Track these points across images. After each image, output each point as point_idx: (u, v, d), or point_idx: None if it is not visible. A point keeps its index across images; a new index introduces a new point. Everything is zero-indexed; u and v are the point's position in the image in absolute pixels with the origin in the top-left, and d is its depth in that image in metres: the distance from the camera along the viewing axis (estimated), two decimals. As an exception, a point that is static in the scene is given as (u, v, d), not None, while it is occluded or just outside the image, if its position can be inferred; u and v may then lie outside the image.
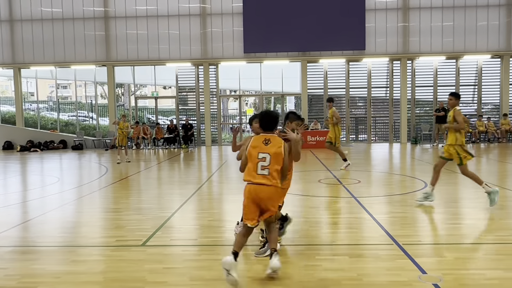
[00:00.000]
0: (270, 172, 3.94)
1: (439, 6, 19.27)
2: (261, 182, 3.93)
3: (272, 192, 3.96)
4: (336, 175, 10.22)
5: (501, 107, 19.66)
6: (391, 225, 5.75)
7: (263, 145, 3.99)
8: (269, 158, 3.95)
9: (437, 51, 19.43)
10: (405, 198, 7.60)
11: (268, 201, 3.96)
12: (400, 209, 6.78)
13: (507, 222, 5.93)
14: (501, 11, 19.16)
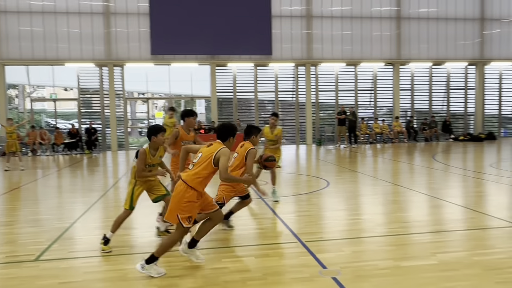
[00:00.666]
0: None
1: (339, 16, 20.54)
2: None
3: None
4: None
5: (393, 111, 21.51)
6: (296, 224, 5.97)
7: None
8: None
9: (338, 58, 20.69)
10: (310, 197, 7.95)
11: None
12: (305, 208, 7.08)
13: (398, 215, 6.47)
14: (392, 23, 20.99)
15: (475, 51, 21.86)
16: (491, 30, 21.92)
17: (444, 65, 21.90)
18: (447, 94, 22.27)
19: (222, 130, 4.39)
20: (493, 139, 21.09)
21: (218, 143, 4.30)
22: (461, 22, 21.55)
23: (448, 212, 6.67)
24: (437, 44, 21.45)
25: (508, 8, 21.95)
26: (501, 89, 22.73)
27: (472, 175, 10.29)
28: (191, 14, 18.97)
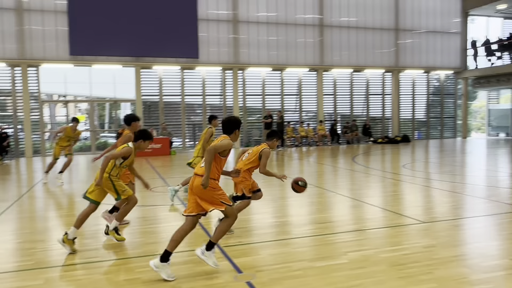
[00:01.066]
0: None
1: (265, 21, 20.93)
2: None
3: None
4: (169, 183, 10.13)
5: (318, 115, 22.30)
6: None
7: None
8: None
9: (264, 63, 21.05)
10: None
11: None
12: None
13: (316, 217, 6.68)
14: (315, 30, 21.78)
15: (391, 59, 23.35)
16: (404, 40, 23.55)
17: (363, 72, 23.13)
18: (367, 99, 23.54)
19: (227, 123, 4.53)
20: (407, 142, 22.63)
21: (224, 137, 4.43)
22: (378, 31, 22.92)
23: (363, 212, 7.01)
24: (357, 52, 22.62)
25: (419, 21, 23.72)
26: (414, 95, 24.48)
27: (388, 176, 10.93)
28: (114, 13, 18.28)
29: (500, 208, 7.01)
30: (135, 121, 6.45)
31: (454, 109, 25.66)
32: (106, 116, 24.45)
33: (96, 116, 21.97)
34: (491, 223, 6.20)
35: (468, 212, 6.98)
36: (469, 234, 5.64)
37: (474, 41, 24.47)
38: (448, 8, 24.36)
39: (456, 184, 9.35)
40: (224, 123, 4.51)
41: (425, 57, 24.03)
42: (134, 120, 6.45)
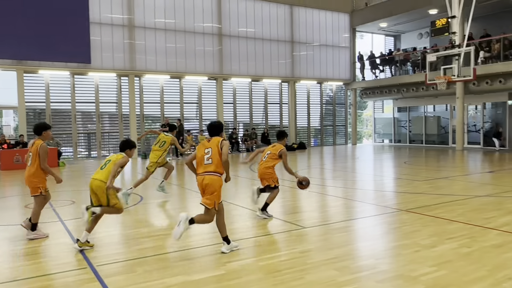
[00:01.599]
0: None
1: (163, 28, 20.51)
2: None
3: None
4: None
5: (218, 123, 22.35)
6: (96, 247, 5.51)
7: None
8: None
9: (162, 70, 20.60)
10: (115, 216, 7.51)
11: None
12: (106, 228, 6.63)
13: (199, 227, 6.56)
14: (214, 39, 21.90)
15: (287, 70, 24.36)
16: (299, 52, 24.74)
17: (262, 81, 23.79)
18: (265, 108, 24.22)
19: (213, 128, 5.26)
20: (304, 148, 23.71)
21: (216, 138, 5.14)
22: (275, 43, 23.78)
23: (248, 220, 7.06)
24: (255, 62, 23.20)
25: (312, 35, 25.10)
26: (309, 104, 25.78)
27: (281, 182, 11.22)
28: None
29: (378, 210, 7.57)
30: (46, 130, 6.18)
31: (345, 118, 27.53)
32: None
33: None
34: (367, 225, 6.64)
35: (348, 215, 7.41)
36: (345, 237, 5.95)
37: (361, 55, 26.57)
38: (338, 24, 26.15)
39: (341, 189, 9.93)
40: (210, 128, 5.30)
41: (318, 68, 25.48)
42: (45, 129, 6.18)
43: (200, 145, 5.21)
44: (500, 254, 4.93)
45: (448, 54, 15.29)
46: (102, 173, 5.46)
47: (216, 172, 5.02)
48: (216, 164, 5.01)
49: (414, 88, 23.03)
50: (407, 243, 5.50)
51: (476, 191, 9.41)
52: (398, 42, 28.82)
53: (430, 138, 25.02)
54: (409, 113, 26.49)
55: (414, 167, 14.60)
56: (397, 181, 11.62)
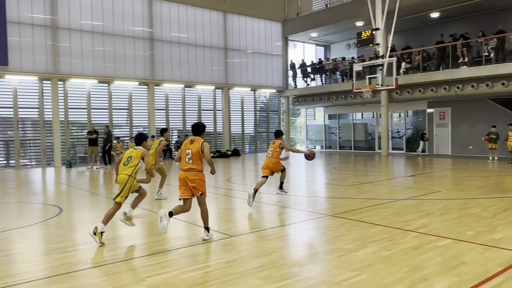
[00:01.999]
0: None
1: (89, 30, 19.57)
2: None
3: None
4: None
5: (149, 130, 21.72)
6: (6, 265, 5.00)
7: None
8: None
9: (89, 74, 19.62)
10: (30, 230, 6.93)
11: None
12: (18, 244, 6.08)
13: (119, 240, 6.21)
14: (145, 44, 21.29)
15: (221, 76, 24.29)
16: (233, 59, 24.78)
17: (195, 88, 23.49)
18: (199, 115, 23.92)
19: (196, 128, 6.18)
20: (238, 155, 23.69)
21: (198, 138, 6.04)
22: (208, 49, 23.63)
23: (174, 230, 6.80)
24: (189, 68, 22.88)
25: (245, 42, 25.28)
26: (243, 111, 25.87)
27: (211, 190, 11.04)
28: None
29: (306, 216, 7.64)
30: None
31: (279, 125, 27.96)
32: None
33: None
34: (294, 231, 6.67)
35: (276, 222, 7.40)
36: (271, 244, 5.90)
37: (293, 64, 27.19)
38: (271, 32, 26.58)
39: (273, 195, 9.95)
40: (193, 128, 6.21)
41: (252, 76, 25.69)
42: None
43: (183, 146, 6.08)
44: (417, 255, 5.14)
45: (372, 64, 16.04)
46: (127, 169, 6.13)
47: (196, 169, 5.92)
48: (196, 162, 5.92)
49: (343, 96, 23.94)
50: (332, 248, 5.57)
51: (398, 195, 9.88)
52: (328, 52, 29.89)
53: (358, 144, 26.13)
54: (339, 120, 27.49)
55: (342, 173, 15.10)
56: (326, 187, 11.91)
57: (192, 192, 5.93)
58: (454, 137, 21.42)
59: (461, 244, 5.60)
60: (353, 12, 22.69)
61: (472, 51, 19.08)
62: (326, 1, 24.97)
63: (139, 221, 7.34)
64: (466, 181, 11.94)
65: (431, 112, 22.33)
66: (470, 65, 18.75)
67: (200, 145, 5.90)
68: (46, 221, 7.59)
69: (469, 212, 7.61)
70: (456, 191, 10.14)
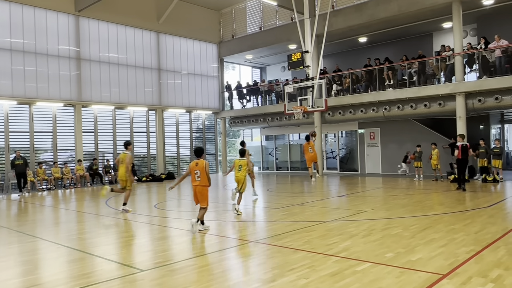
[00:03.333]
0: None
1: (8, 48, 18.25)
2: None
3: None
4: None
5: (76, 153, 20.47)
6: None
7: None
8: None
9: (7, 95, 18.20)
10: None
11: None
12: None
13: (23, 280, 5.50)
14: (71, 64, 20.22)
15: (155, 98, 23.63)
16: (167, 80, 24.26)
17: (127, 109, 22.61)
18: (131, 137, 22.97)
19: (198, 151, 8.26)
20: (172, 178, 22.95)
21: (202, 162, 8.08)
22: (140, 70, 22.95)
23: (83, 265, 6.14)
24: (119, 89, 22.03)
25: (180, 63, 24.91)
26: (178, 133, 25.26)
27: (135, 218, 10.38)
28: None
29: (227, 243, 7.27)
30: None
31: (215, 146, 27.59)
32: None
33: None
34: (211, 262, 6.23)
35: (193, 252, 6.95)
36: (183, 279, 5.45)
37: (228, 85, 27.13)
38: (206, 54, 26.43)
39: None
40: (197, 151, 8.20)
41: (187, 97, 25.27)
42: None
43: (192, 166, 8.07)
44: (334, 283, 4.93)
45: (303, 86, 16.24)
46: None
47: (204, 185, 8.01)
48: (203, 180, 7.98)
49: (278, 118, 24.14)
50: (248, 279, 5.24)
51: (326, 216, 9.81)
52: (264, 74, 30.24)
53: (295, 165, 26.34)
54: (275, 141, 27.65)
55: (275, 194, 14.95)
56: (256, 210, 11.63)
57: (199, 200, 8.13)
58: (384, 156, 22.19)
59: (379, 267, 5.49)
60: (285, 35, 23.16)
61: (397, 74, 20.04)
62: (260, 24, 25.31)
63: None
64: (393, 200, 12.20)
65: (362, 132, 23.05)
66: (395, 87, 19.64)
67: (204, 166, 8.05)
68: None
69: (391, 232, 7.64)
70: (382, 210, 10.27)
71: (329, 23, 18.50)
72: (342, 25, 20.58)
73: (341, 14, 20.65)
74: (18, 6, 18.52)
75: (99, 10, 20.78)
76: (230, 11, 26.79)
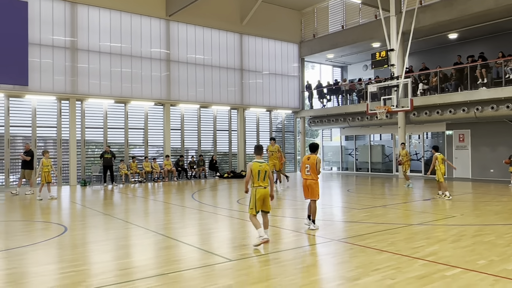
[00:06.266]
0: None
1: (108, 51, 20.00)
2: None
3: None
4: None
5: (164, 149, 21.84)
6: None
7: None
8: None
9: (106, 94, 19.96)
10: (31, 249, 6.89)
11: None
12: (15, 264, 6.02)
13: (120, 262, 6.10)
14: (162, 65, 21.60)
15: (237, 97, 24.38)
16: (248, 80, 24.90)
17: (210, 108, 23.61)
18: (214, 135, 23.96)
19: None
20: (252, 176, 23.47)
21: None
22: (224, 70, 23.82)
23: (175, 252, 6.66)
24: (204, 88, 23.07)
25: (261, 63, 25.43)
26: (258, 131, 25.82)
27: (219, 212, 10.91)
28: None
29: (310, 241, 7.39)
30: None
31: (294, 145, 27.75)
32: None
33: None
34: (295, 257, 6.39)
35: (276, 246, 7.15)
36: (268, 271, 5.68)
37: (309, 84, 27.13)
38: (287, 54, 26.69)
39: (279, 218, 9.72)
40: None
41: (268, 96, 25.72)
42: None
43: (304, 160, 8.20)
44: (422, 286, 4.85)
45: (387, 85, 15.81)
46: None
47: (313, 179, 8.10)
48: (312, 174, 8.08)
49: (359, 117, 23.66)
50: (332, 276, 5.33)
51: (410, 220, 9.52)
52: (345, 73, 29.77)
53: (376, 166, 25.64)
54: (355, 141, 27.12)
55: (356, 195, 14.74)
56: (337, 210, 11.60)
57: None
58: (474, 160, 20.80)
59: (471, 274, 5.28)
60: (369, 34, 22.62)
61: (492, 72, 18.67)
62: (342, 23, 24.98)
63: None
64: (484, 206, 11.46)
65: (450, 134, 21.80)
66: (489, 86, 18.32)
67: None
68: (48, 240, 7.54)
69: (483, 239, 7.24)
70: (472, 216, 9.72)
71: (417, 19, 17.76)
72: (430, 21, 19.62)
73: (430, 9, 19.70)
74: (117, 13, 20.20)
75: (188, 14, 21.94)
76: (312, 10, 26.77)
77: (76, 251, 6.78)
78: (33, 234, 8.31)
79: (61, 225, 8.99)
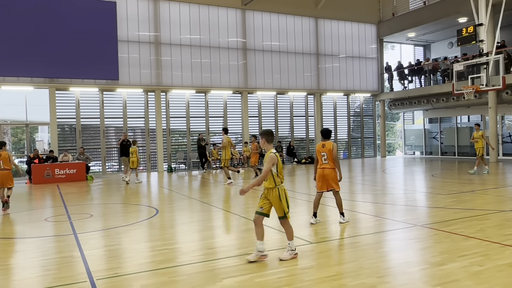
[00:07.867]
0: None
1: (188, 44, 20.91)
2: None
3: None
4: (69, 211, 9.58)
5: (243, 136, 22.46)
6: (97, 261, 5.60)
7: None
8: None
9: (188, 85, 20.95)
10: (129, 229, 7.62)
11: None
12: (117, 241, 6.73)
13: (206, 242, 6.54)
14: (239, 54, 22.11)
15: (313, 82, 24.23)
16: (325, 65, 24.58)
17: (287, 94, 23.75)
18: (291, 121, 24.11)
19: (327, 132, 7.51)
20: (330, 161, 23.32)
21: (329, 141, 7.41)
22: (300, 56, 23.75)
23: (251, 235, 6.95)
24: (280, 75, 23.23)
25: (338, 46, 24.93)
26: (336, 116, 25.49)
27: (300, 196, 11.10)
28: (25, 33, 17.38)
29: (392, 225, 7.31)
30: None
31: (373, 129, 27.00)
32: (26, 140, 22.93)
33: (9, 140, 20.48)
34: (377, 241, 6.38)
35: (356, 231, 7.17)
36: (350, 254, 5.75)
37: (388, 66, 26.10)
38: (364, 35, 25.86)
39: (361, 203, 9.67)
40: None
41: (345, 80, 25.22)
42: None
43: (318, 148, 7.45)
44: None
45: (476, 63, 14.77)
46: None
47: (332, 167, 7.45)
48: (330, 162, 7.39)
49: (444, 99, 22.35)
50: (415, 260, 5.26)
51: (503, 206, 8.94)
52: (428, 52, 28.16)
53: (463, 150, 24.13)
54: (440, 124, 25.70)
55: (441, 180, 14.07)
56: (420, 195, 11.21)
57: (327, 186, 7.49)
58: None
59: None
60: (454, 8, 21.16)
61: None
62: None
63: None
64: None
65: (551, 114, 19.82)
66: None
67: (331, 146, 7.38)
68: (142, 221, 8.26)
69: None
70: None
71: (510, -11, 16.26)
72: (526, -10, 17.83)
73: (525, -24, 17.88)
74: (196, 6, 21.00)
75: (262, 2, 22.14)
76: (391, -12, 25.59)
77: (168, 231, 7.38)
78: (129, 216, 9.15)
79: (153, 208, 9.77)
